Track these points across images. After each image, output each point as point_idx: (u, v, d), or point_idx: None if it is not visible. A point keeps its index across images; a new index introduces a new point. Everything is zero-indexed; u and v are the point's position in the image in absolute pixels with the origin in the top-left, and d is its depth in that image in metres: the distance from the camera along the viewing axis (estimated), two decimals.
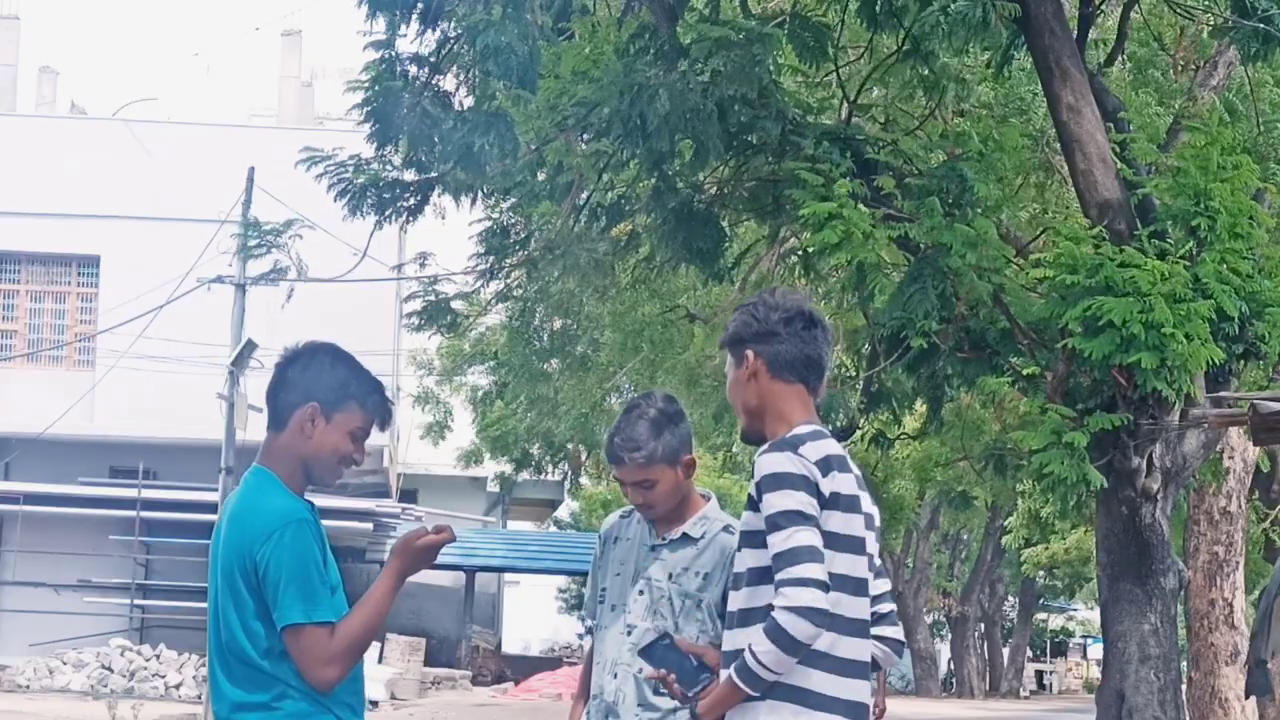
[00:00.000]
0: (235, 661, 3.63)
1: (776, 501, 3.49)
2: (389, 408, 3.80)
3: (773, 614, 3.43)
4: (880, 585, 3.84)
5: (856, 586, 3.57)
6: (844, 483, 3.58)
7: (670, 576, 4.39)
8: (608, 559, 4.53)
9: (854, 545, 3.57)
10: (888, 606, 3.88)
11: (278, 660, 3.58)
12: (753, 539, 3.61)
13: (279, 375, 3.77)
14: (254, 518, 3.62)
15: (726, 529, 4.44)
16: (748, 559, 3.64)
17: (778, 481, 3.50)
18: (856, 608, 3.57)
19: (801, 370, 3.74)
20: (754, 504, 3.61)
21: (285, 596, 3.54)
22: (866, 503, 3.69)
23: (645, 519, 4.44)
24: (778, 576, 3.45)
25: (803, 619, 3.40)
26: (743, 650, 3.52)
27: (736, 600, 3.65)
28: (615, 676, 4.39)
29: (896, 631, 3.92)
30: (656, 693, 4.22)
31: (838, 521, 3.54)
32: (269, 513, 3.60)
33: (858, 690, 3.57)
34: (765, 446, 3.63)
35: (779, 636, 3.42)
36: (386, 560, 3.75)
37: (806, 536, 3.45)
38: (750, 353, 3.73)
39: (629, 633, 4.33)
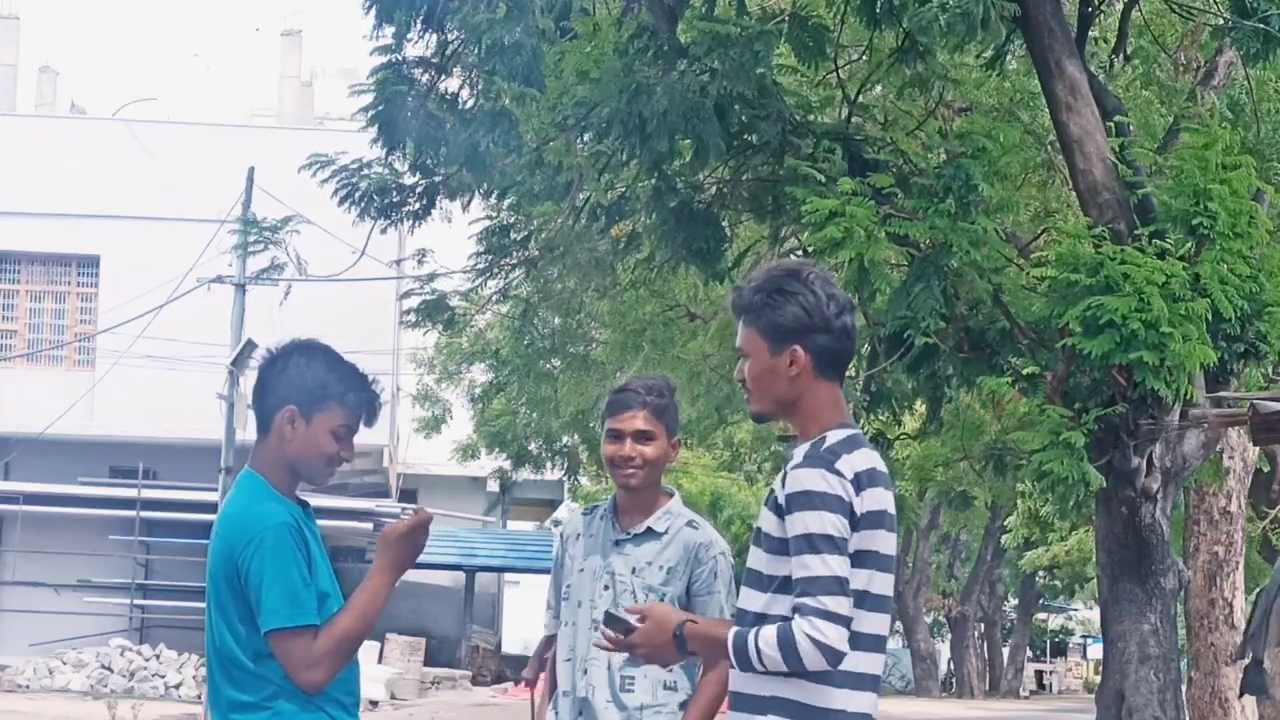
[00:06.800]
0: (227, 663, 3.66)
1: (808, 522, 3.34)
2: (373, 401, 3.75)
3: (794, 629, 3.30)
4: None
5: (876, 603, 3.46)
6: (876, 498, 3.42)
7: (633, 571, 4.45)
8: (570, 556, 4.58)
9: (880, 562, 3.43)
10: None
11: (265, 662, 3.61)
12: (774, 544, 3.48)
13: (259, 379, 3.78)
14: (237, 523, 3.65)
15: (690, 524, 4.51)
16: (766, 562, 3.50)
17: (810, 500, 3.35)
18: (875, 624, 3.47)
19: (840, 367, 3.52)
20: (780, 512, 3.44)
21: (267, 601, 3.56)
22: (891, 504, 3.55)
23: (621, 484, 4.48)
24: (804, 600, 3.31)
25: (820, 654, 3.28)
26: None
27: (754, 601, 3.52)
28: (586, 673, 4.42)
29: None
30: (623, 690, 4.31)
31: (867, 539, 3.40)
32: (251, 518, 3.62)
33: (867, 703, 3.52)
34: (799, 459, 3.43)
35: (789, 654, 3.30)
36: (375, 557, 3.75)
37: (837, 565, 3.32)
38: (799, 348, 3.44)
39: (595, 628, 4.33)
